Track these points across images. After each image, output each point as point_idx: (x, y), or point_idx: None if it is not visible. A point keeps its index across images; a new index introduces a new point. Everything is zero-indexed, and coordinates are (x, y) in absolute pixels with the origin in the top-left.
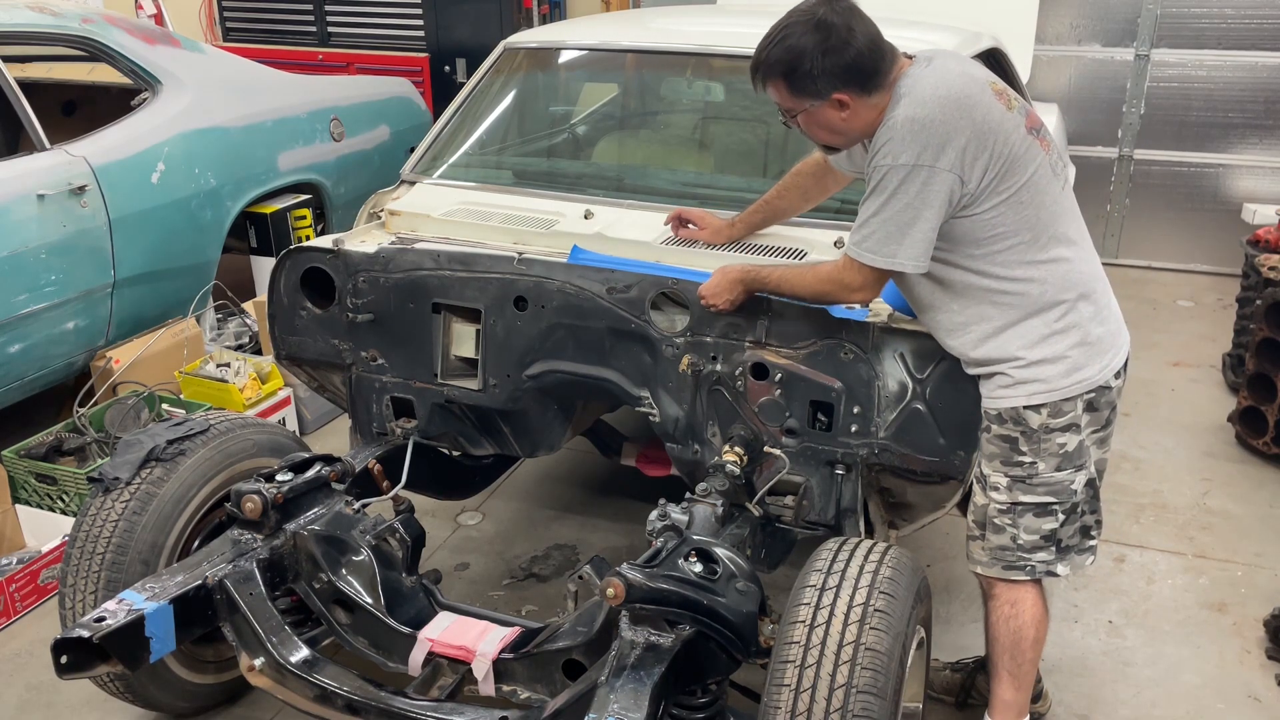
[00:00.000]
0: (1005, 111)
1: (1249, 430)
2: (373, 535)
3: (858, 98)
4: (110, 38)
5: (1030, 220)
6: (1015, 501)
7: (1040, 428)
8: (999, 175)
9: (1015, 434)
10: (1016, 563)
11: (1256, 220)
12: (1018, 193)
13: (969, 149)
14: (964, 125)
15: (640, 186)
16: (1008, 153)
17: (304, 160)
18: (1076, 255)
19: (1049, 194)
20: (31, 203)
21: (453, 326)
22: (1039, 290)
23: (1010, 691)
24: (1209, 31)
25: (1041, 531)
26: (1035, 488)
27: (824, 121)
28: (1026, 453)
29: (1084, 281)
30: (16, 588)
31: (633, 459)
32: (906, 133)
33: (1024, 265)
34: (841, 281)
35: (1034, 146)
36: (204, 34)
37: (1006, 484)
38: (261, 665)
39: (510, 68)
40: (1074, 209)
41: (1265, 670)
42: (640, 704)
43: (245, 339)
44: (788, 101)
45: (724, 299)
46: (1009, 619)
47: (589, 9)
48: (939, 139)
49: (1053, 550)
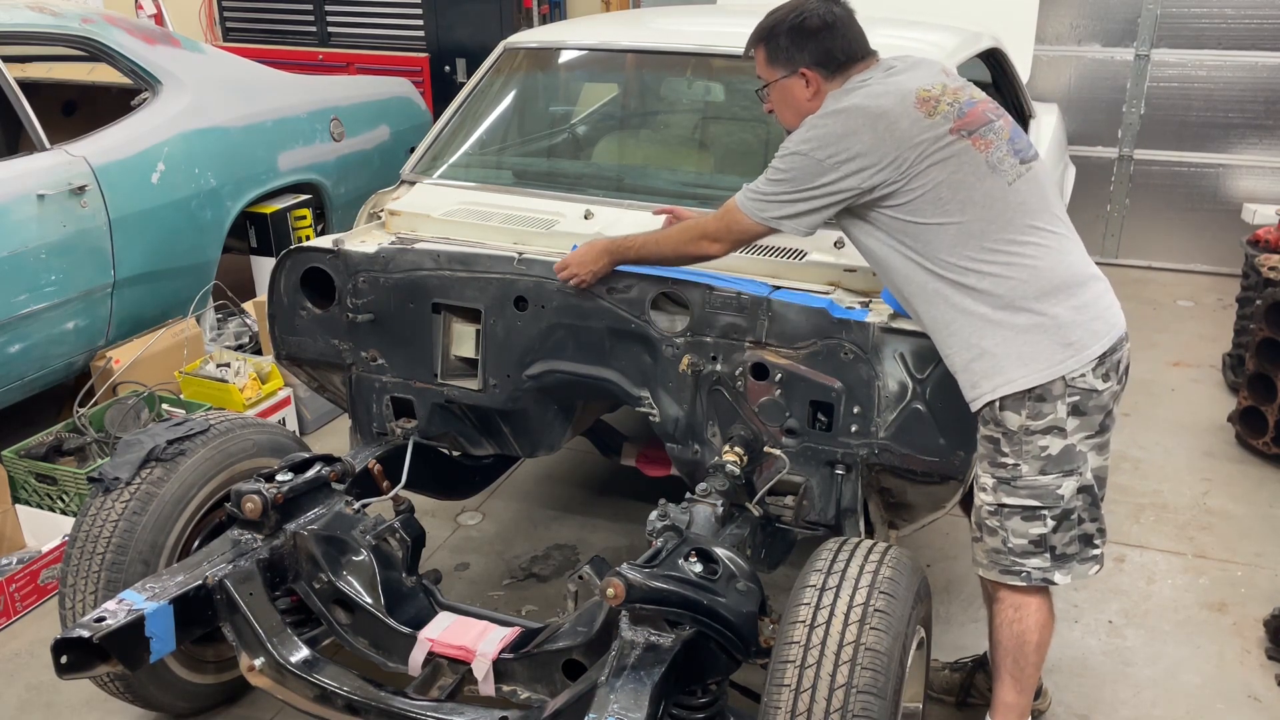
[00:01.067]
0: (922, 119)
1: (1249, 430)
2: (373, 535)
3: (822, 79)
4: (110, 38)
5: (959, 216)
6: (1001, 503)
7: (1020, 429)
8: (906, 176)
9: (997, 434)
10: (1011, 567)
11: (1256, 220)
12: (933, 189)
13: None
14: (864, 134)
15: (640, 186)
16: (914, 157)
17: (304, 160)
18: (1042, 249)
19: (982, 190)
20: (31, 203)
21: (453, 326)
22: (993, 284)
23: (1013, 694)
24: (1209, 31)
25: (1030, 536)
26: (1018, 490)
27: (790, 98)
28: (1009, 454)
29: (1051, 275)
30: (16, 588)
31: (633, 459)
32: (814, 128)
33: (972, 259)
34: (702, 230)
35: (959, 147)
36: (204, 34)
37: (992, 485)
38: (261, 665)
39: (510, 68)
40: (1041, 203)
41: (1265, 670)
42: (640, 704)
43: (245, 339)
44: (764, 70)
45: (587, 270)
46: (1012, 623)
47: (589, 9)
48: (835, 142)
49: (1047, 557)
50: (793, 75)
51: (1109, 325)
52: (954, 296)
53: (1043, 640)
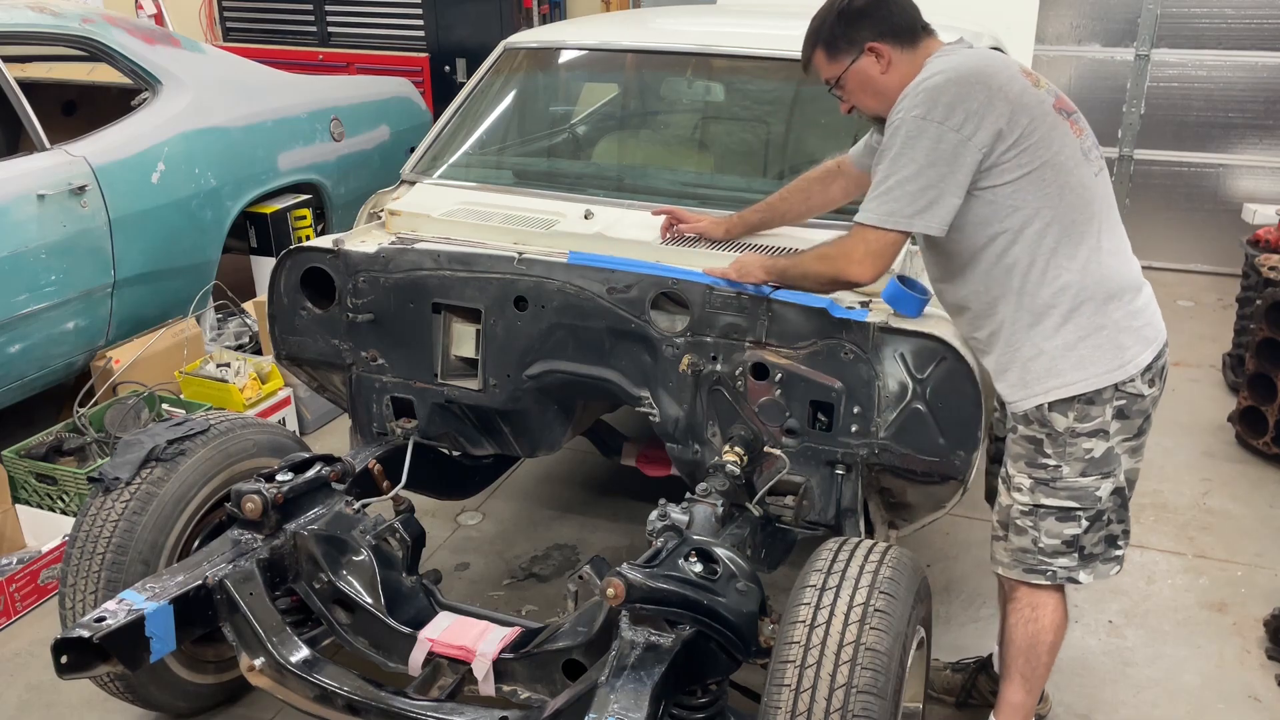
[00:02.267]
0: (1031, 87)
1: (1249, 430)
2: (373, 535)
3: (892, 48)
4: (110, 38)
5: (1055, 203)
6: (1037, 504)
7: (1066, 431)
8: (1017, 146)
9: (1040, 435)
10: (1037, 566)
11: (1256, 220)
12: (1039, 169)
13: (984, 115)
14: (978, 91)
15: (640, 186)
16: (1027, 123)
17: (304, 160)
18: (1112, 250)
19: (1077, 178)
20: (31, 203)
21: (453, 326)
22: (1070, 281)
23: (1020, 694)
24: (1209, 31)
25: (1064, 536)
26: (1058, 491)
27: (865, 80)
28: (1051, 455)
29: (1117, 279)
30: (16, 588)
31: (633, 459)
32: (920, 94)
33: (1053, 254)
34: (844, 252)
35: (1062, 127)
36: (204, 34)
37: (1030, 485)
38: (261, 665)
39: (510, 68)
40: (1111, 200)
41: (1265, 670)
42: (640, 704)
43: (245, 339)
44: (829, 69)
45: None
46: (1029, 622)
47: (589, 9)
48: (949, 100)
49: (1075, 556)
50: (861, 55)
51: (1156, 331)
52: (1028, 293)
53: (1056, 641)
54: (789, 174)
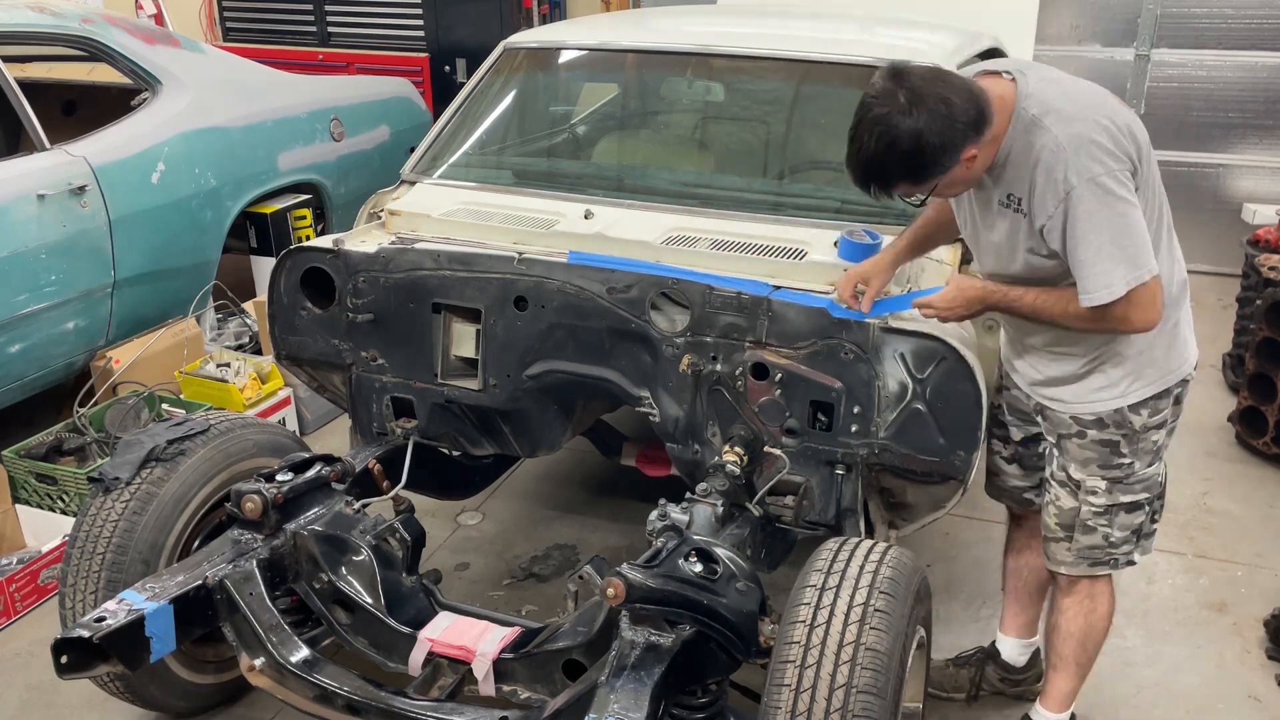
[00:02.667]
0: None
1: (1249, 430)
2: (373, 535)
3: (979, 144)
4: (110, 38)
5: (1153, 203)
6: (1114, 503)
7: (1142, 428)
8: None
9: (1117, 437)
10: (1104, 559)
11: (1256, 220)
12: (1146, 178)
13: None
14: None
15: (640, 186)
16: (1142, 138)
17: (304, 160)
18: (1177, 250)
19: (1159, 182)
20: (31, 203)
21: (453, 326)
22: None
23: (1074, 682)
24: (1209, 31)
25: (1132, 526)
26: (1133, 486)
27: (954, 181)
28: (1126, 454)
29: (1181, 273)
30: (16, 588)
31: (633, 459)
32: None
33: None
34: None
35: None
36: (204, 34)
37: (1105, 487)
38: (261, 665)
39: (510, 68)
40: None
41: (1265, 670)
42: (640, 704)
43: (245, 339)
44: (918, 191)
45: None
46: (1089, 612)
47: (589, 9)
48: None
49: (1134, 540)
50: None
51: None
52: None
53: (1107, 629)
54: (789, 174)
